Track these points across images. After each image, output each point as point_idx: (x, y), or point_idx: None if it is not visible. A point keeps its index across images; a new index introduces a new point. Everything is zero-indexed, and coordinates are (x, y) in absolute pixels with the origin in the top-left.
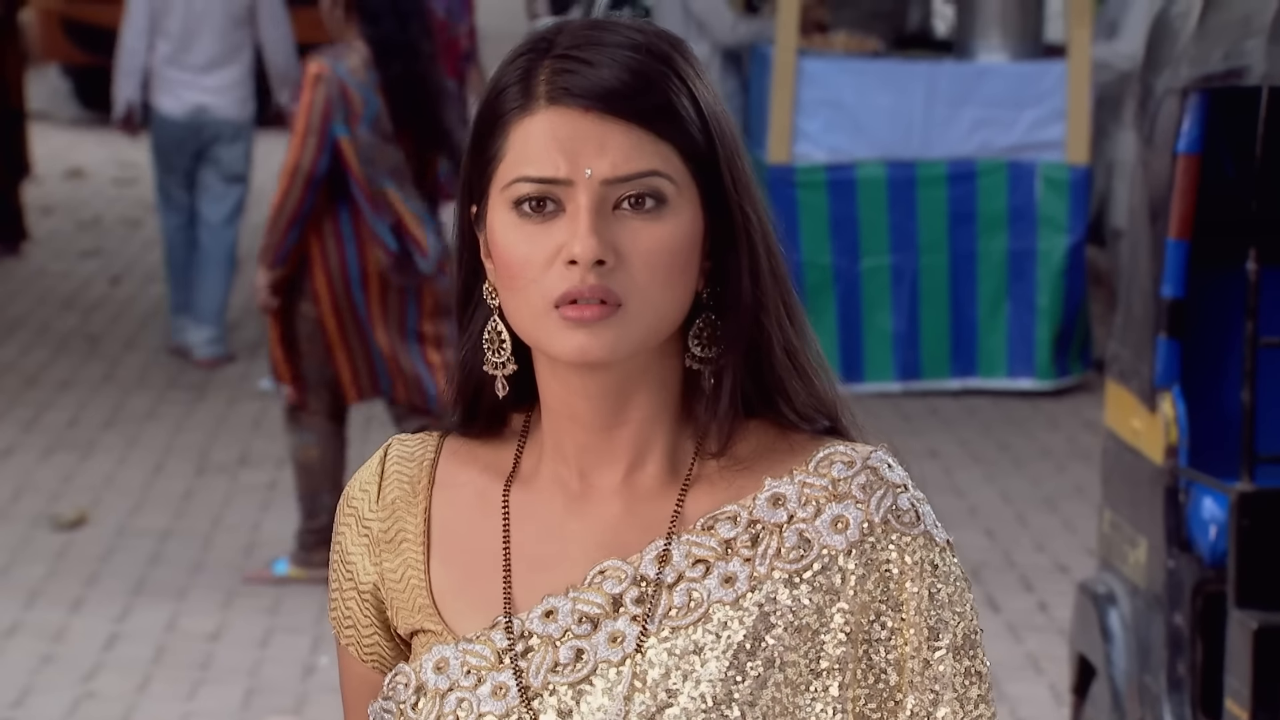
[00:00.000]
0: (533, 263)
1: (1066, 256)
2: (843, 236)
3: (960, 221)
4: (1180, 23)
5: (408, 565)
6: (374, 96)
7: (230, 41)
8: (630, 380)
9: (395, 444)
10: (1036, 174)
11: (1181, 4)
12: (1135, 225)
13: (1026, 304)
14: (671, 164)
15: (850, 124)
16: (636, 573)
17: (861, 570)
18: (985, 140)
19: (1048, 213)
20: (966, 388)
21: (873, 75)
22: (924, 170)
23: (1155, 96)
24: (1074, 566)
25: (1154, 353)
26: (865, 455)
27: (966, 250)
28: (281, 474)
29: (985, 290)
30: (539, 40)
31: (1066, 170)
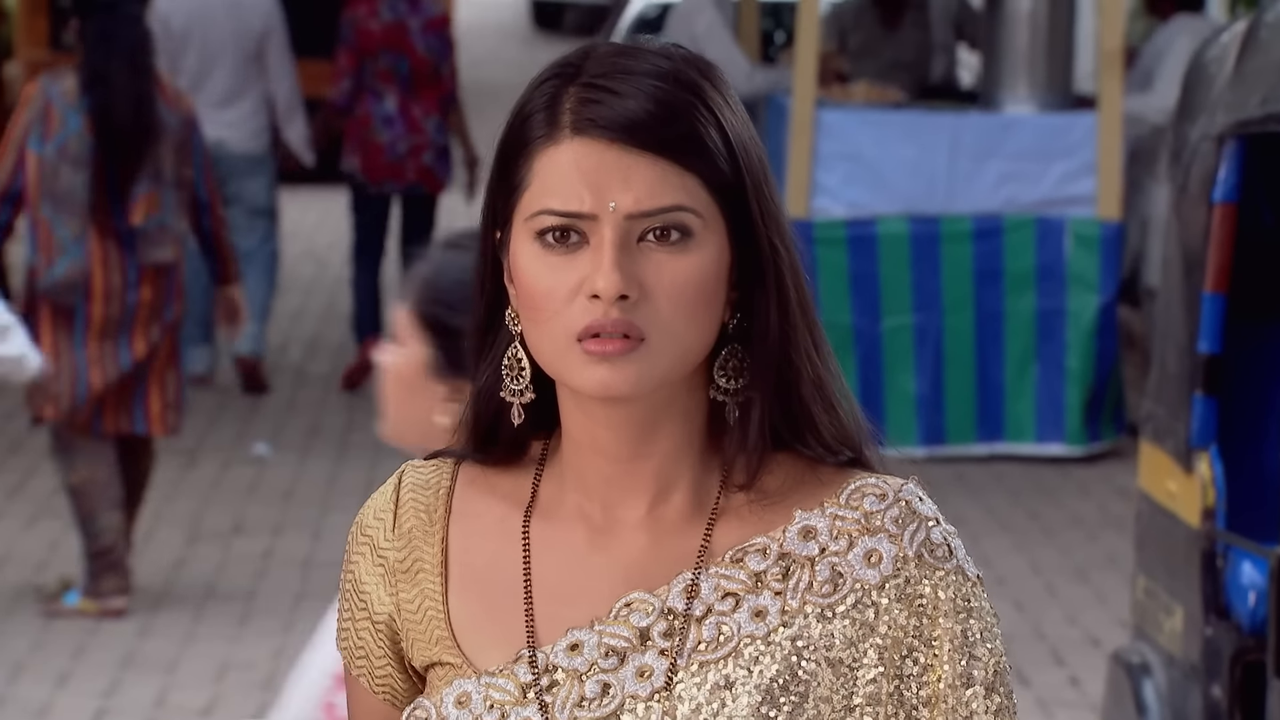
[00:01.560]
0: (556, 295)
1: (1097, 316)
2: (863, 295)
3: (986, 280)
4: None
5: (425, 596)
6: (77, 120)
7: (243, 77)
8: (655, 412)
9: (409, 470)
10: (1066, 230)
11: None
12: (1169, 278)
13: (1056, 366)
14: (697, 196)
15: (871, 177)
16: (664, 605)
17: (895, 605)
18: (1012, 195)
19: (1078, 270)
20: (993, 453)
21: (894, 127)
22: (948, 226)
23: (1190, 144)
24: (1106, 639)
25: (1190, 411)
26: (897, 488)
27: (993, 310)
28: (278, 541)
29: (1012, 351)
30: (566, 65)
31: (1097, 226)
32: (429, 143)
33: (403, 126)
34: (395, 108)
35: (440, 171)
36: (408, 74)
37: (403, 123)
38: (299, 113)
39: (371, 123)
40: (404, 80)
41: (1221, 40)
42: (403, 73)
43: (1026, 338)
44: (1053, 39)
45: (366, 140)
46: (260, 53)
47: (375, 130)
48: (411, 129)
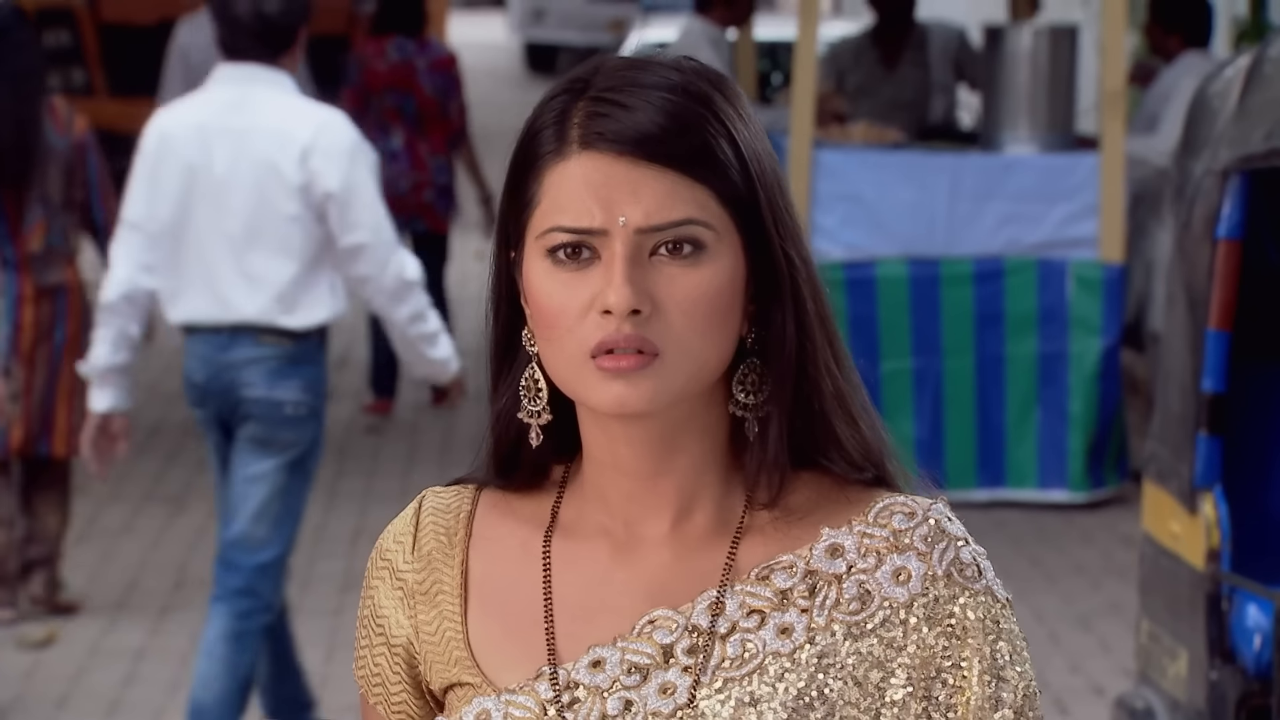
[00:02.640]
0: (568, 312)
1: (1100, 360)
2: (861, 338)
3: (987, 323)
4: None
5: (444, 618)
6: None
7: None
8: (674, 428)
9: (429, 496)
10: (1068, 273)
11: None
12: (1173, 315)
13: (1058, 411)
14: (709, 209)
15: (869, 219)
16: (688, 622)
17: (923, 624)
18: (1013, 237)
19: (1080, 314)
20: (994, 499)
21: (893, 168)
22: (948, 268)
23: (1193, 180)
24: (1110, 688)
25: (1194, 451)
26: (925, 507)
27: (993, 353)
28: None
29: (1014, 396)
30: (575, 80)
31: (1100, 269)
32: (431, 181)
33: (407, 163)
34: (401, 145)
35: (441, 208)
36: (414, 113)
37: (407, 160)
38: None
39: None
40: (411, 119)
41: (1225, 75)
42: (409, 111)
43: (1028, 382)
44: (1054, 79)
45: None
46: None
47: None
48: (415, 166)
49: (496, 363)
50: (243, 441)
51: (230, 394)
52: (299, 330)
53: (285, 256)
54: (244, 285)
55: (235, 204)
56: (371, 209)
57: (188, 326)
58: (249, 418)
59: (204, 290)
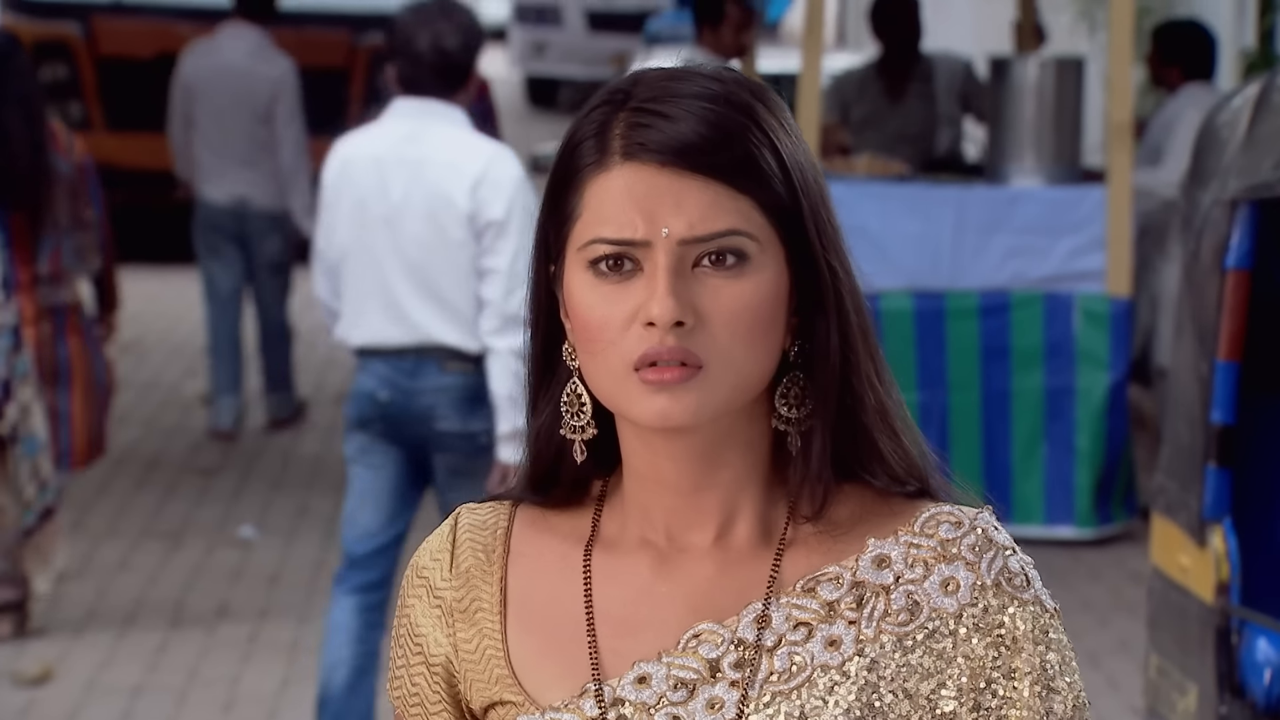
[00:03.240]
0: (611, 324)
1: (1107, 395)
2: None
3: (993, 357)
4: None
5: (483, 635)
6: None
7: (258, 140)
8: (717, 442)
9: (465, 513)
10: (1074, 306)
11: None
12: (1181, 346)
13: (1065, 446)
14: (752, 220)
15: (874, 252)
16: (734, 636)
17: (973, 635)
18: (1019, 270)
19: (1087, 348)
20: None
21: (898, 200)
22: (953, 301)
23: (1201, 210)
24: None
25: (1203, 483)
26: (972, 516)
27: (999, 388)
28: (263, 626)
29: (1020, 431)
30: (615, 91)
31: (1107, 302)
32: None
33: None
34: None
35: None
36: None
37: None
38: (301, 182)
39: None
40: None
41: (1233, 104)
42: None
43: (1034, 417)
44: (1060, 111)
45: None
46: (269, 119)
47: None
48: None
49: (535, 379)
50: (441, 471)
51: (422, 423)
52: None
53: (462, 283)
54: (425, 308)
55: (411, 231)
56: (517, 239)
57: (369, 349)
58: (444, 450)
59: (385, 313)
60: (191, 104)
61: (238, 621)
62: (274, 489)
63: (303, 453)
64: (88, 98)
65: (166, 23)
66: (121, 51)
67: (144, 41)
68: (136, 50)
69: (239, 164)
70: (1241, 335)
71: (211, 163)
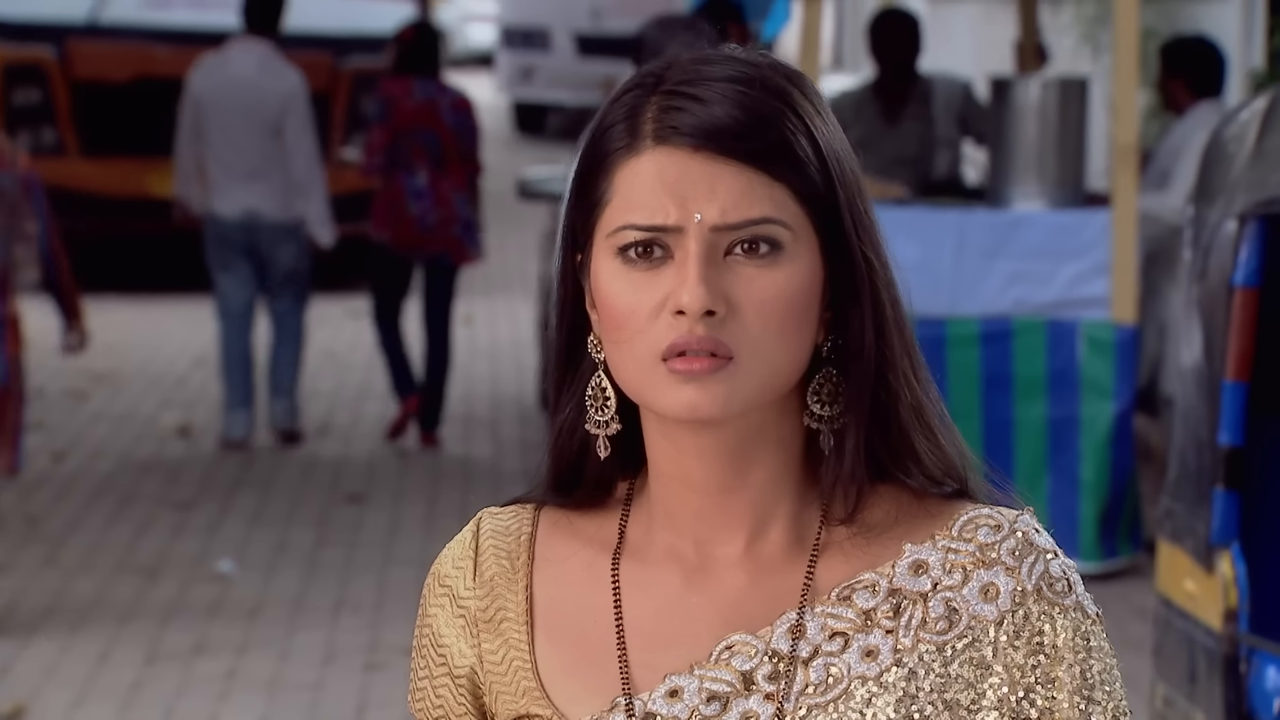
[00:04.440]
0: (639, 313)
1: (1113, 425)
2: None
3: (994, 385)
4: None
5: (510, 646)
6: None
7: (268, 152)
8: (747, 440)
9: (486, 517)
10: (1078, 334)
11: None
12: (1188, 366)
13: (1069, 477)
14: (787, 208)
15: None
16: (768, 647)
17: (1013, 642)
18: (1021, 296)
19: (1091, 376)
20: None
21: (897, 224)
22: (954, 329)
23: (1209, 226)
24: None
25: (1210, 507)
26: (1012, 519)
27: (1001, 418)
28: (242, 662)
29: (1023, 462)
30: (647, 75)
31: (1112, 330)
32: (456, 216)
33: (432, 200)
34: (426, 183)
35: (468, 243)
36: (438, 150)
37: (432, 197)
38: (316, 192)
39: (404, 197)
40: (434, 156)
41: (1240, 118)
42: (433, 149)
43: (1037, 447)
44: (1063, 133)
45: (399, 213)
46: (279, 131)
47: (407, 204)
48: (440, 203)
49: (559, 372)
50: None
51: None
52: None
53: None
54: None
55: None
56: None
57: None
58: None
59: None
60: (202, 119)
61: (216, 657)
62: (253, 522)
63: (281, 486)
64: (61, 122)
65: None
66: (97, 75)
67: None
68: (112, 74)
69: (249, 177)
70: (1250, 355)
71: (221, 177)
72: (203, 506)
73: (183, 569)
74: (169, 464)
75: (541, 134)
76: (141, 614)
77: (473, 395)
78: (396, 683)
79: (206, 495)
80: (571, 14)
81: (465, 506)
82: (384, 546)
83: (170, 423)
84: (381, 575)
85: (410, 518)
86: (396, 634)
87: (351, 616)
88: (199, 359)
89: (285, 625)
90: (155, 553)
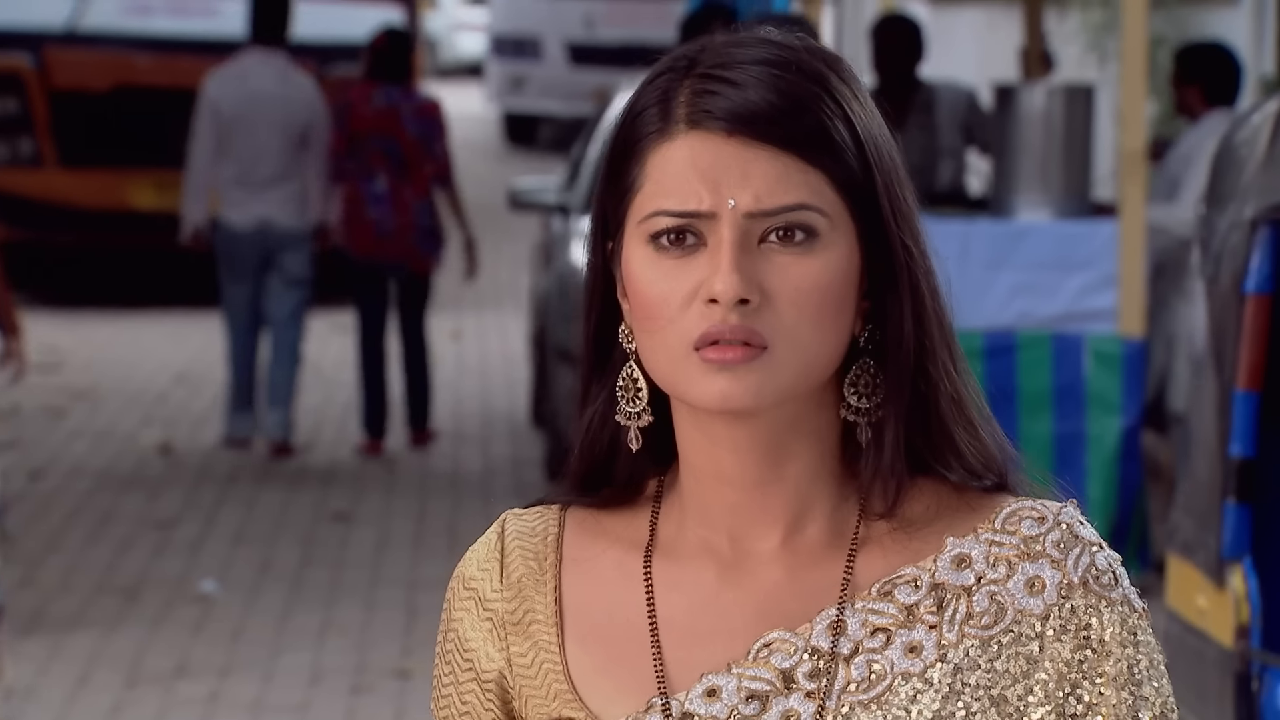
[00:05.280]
0: (671, 301)
1: (1120, 441)
2: None
3: (999, 400)
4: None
5: (539, 648)
6: None
7: (288, 161)
8: (782, 433)
9: (511, 519)
10: (1085, 347)
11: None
12: (1199, 375)
13: (1075, 495)
14: (823, 195)
15: None
16: (808, 644)
17: (1060, 637)
18: (1026, 308)
19: (1098, 391)
20: None
21: None
22: None
23: (1219, 233)
24: None
25: (1221, 520)
26: (1056, 511)
27: (1006, 433)
28: (225, 684)
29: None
30: (679, 58)
31: (1119, 343)
32: (414, 223)
33: (390, 207)
34: (385, 188)
35: (426, 250)
36: (399, 156)
37: (391, 203)
38: (332, 193)
39: (363, 201)
40: (395, 163)
41: (1252, 122)
42: (394, 155)
43: (1043, 464)
44: (1069, 141)
45: (357, 217)
46: (304, 140)
47: (366, 208)
48: (399, 210)
49: (589, 365)
50: None
51: None
52: None
53: None
54: None
55: None
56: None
57: None
58: None
59: None
60: (225, 132)
61: (198, 679)
62: (236, 541)
63: (266, 504)
64: (39, 132)
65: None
66: (75, 84)
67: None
68: (92, 82)
69: (265, 186)
70: (1262, 364)
71: (237, 189)
72: (184, 525)
73: (164, 589)
74: (149, 482)
75: (533, 146)
76: (122, 635)
77: (462, 412)
78: (384, 705)
79: (188, 514)
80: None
81: (454, 525)
82: (371, 566)
83: (150, 440)
84: (369, 596)
85: (398, 536)
86: (384, 656)
87: (338, 638)
88: (180, 375)
89: (269, 647)
90: (135, 573)
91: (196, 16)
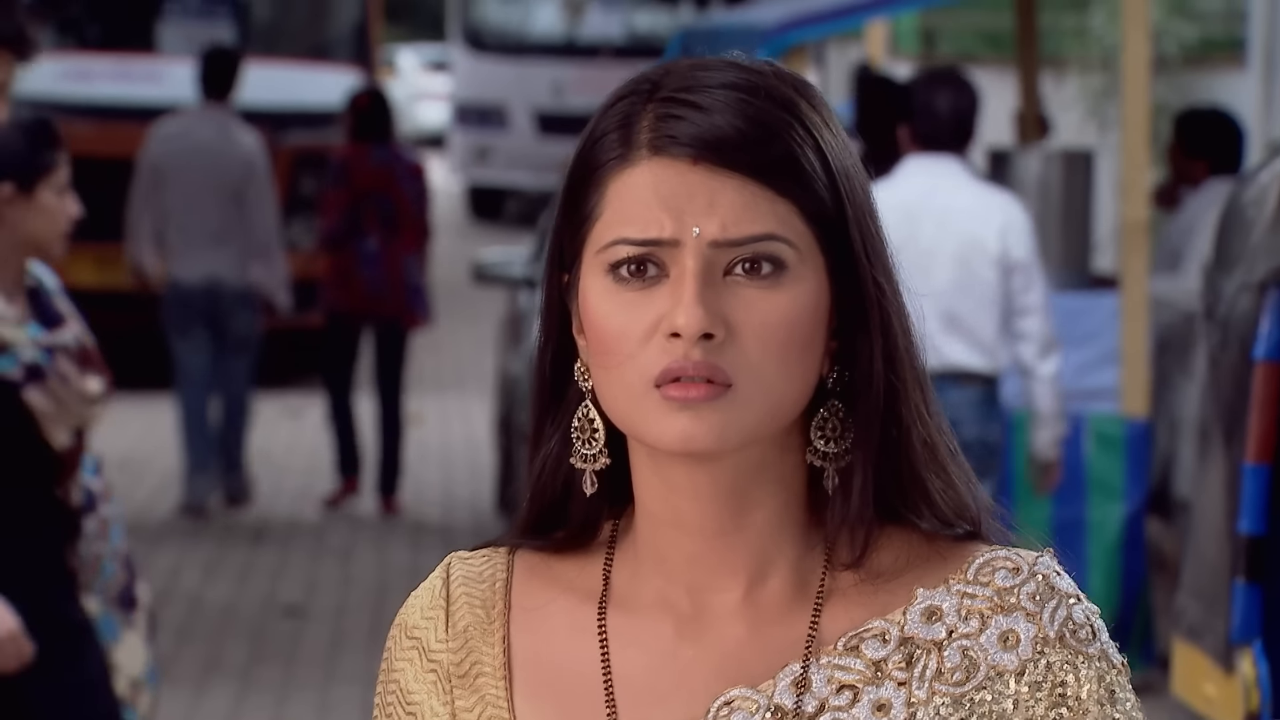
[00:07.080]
0: (630, 335)
1: (1123, 528)
2: None
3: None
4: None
5: (487, 703)
6: None
7: (230, 217)
8: (745, 477)
9: (456, 562)
10: (1085, 428)
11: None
12: (1205, 448)
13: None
14: (792, 226)
15: None
16: (770, 702)
17: (1034, 693)
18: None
19: (1099, 475)
20: None
21: None
22: None
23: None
24: None
25: (1230, 601)
26: (1031, 561)
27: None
28: None
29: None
30: (641, 82)
31: (1121, 424)
32: (404, 281)
33: (382, 266)
34: (377, 247)
35: (416, 308)
36: (392, 215)
37: (382, 262)
38: (276, 255)
39: (357, 261)
40: (388, 221)
41: (1260, 180)
42: (387, 214)
43: None
44: (1067, 209)
45: (350, 277)
46: (242, 196)
47: (359, 268)
48: (391, 268)
49: (542, 403)
50: None
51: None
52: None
53: (987, 313)
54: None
55: (939, 271)
56: (1041, 275)
57: None
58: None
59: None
60: (162, 185)
61: None
62: (180, 637)
63: (213, 596)
64: None
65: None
66: None
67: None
68: None
69: (211, 242)
70: (1272, 435)
71: (183, 244)
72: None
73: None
74: None
75: (498, 220)
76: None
77: (423, 500)
78: None
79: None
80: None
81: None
82: (325, 663)
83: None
84: (323, 694)
85: (354, 632)
86: None
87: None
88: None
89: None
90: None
91: (140, 82)
